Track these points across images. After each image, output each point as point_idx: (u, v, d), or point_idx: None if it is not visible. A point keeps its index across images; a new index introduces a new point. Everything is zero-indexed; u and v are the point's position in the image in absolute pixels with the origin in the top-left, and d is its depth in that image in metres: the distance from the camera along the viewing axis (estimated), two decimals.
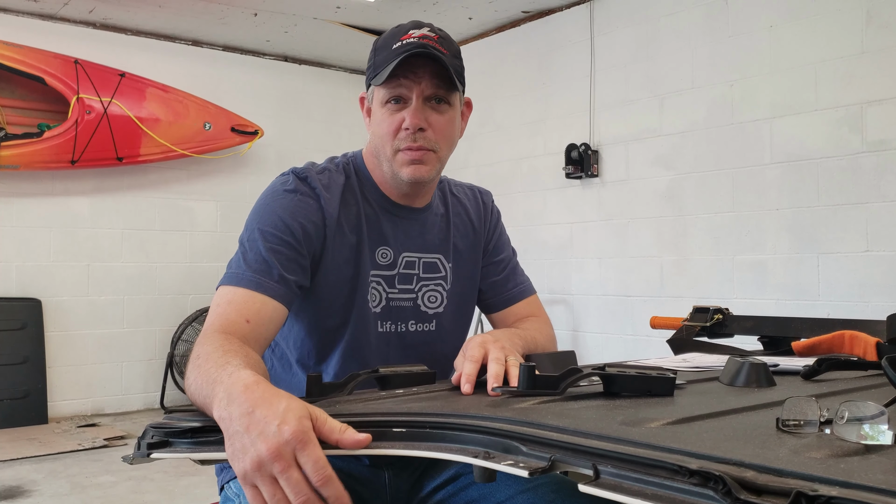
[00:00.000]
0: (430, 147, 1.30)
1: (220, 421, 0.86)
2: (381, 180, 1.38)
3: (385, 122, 1.30)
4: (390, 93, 1.29)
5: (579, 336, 4.84)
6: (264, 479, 0.80)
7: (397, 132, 1.29)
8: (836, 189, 3.66)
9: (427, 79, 1.28)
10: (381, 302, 1.35)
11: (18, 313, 4.88)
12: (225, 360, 0.97)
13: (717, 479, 0.61)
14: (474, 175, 5.39)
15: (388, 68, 1.25)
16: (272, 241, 1.24)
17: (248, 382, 0.87)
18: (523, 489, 1.18)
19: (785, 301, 3.81)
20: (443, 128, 1.31)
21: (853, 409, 0.73)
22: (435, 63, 1.27)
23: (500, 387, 1.04)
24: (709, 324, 1.84)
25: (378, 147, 1.33)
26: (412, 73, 1.27)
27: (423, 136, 1.29)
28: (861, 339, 1.41)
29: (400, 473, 1.31)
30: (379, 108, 1.31)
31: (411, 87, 1.28)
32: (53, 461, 3.97)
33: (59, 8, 4.94)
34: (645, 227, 4.49)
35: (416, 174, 1.30)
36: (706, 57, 4.20)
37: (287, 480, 0.79)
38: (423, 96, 1.28)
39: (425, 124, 1.29)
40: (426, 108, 1.29)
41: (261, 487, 0.81)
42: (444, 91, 1.30)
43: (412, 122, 1.27)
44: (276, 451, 0.79)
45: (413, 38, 1.27)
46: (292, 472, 0.79)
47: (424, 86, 1.28)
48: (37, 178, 5.03)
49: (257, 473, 0.80)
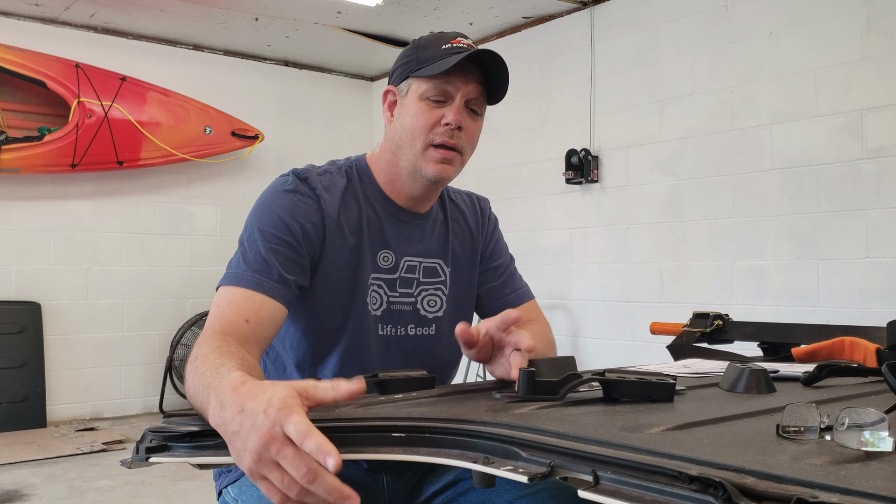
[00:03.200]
0: (461, 148, 1.33)
1: (218, 428, 0.86)
2: (386, 182, 1.38)
3: (422, 115, 1.31)
4: (437, 88, 1.30)
5: (579, 341, 4.84)
6: (269, 467, 0.80)
7: (433, 127, 1.31)
8: (836, 195, 3.66)
9: (474, 84, 1.31)
10: (382, 305, 1.36)
11: (18, 317, 4.87)
12: (219, 363, 0.98)
13: (718, 486, 0.61)
14: (474, 180, 5.39)
15: (442, 62, 1.28)
16: (272, 241, 1.24)
17: (235, 384, 0.87)
18: (523, 494, 1.18)
19: (785, 307, 3.81)
20: (473, 134, 1.35)
21: (853, 415, 0.73)
22: (481, 73, 1.32)
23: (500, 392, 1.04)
24: (709, 330, 1.84)
25: (402, 140, 1.34)
26: (462, 74, 1.30)
27: (460, 135, 1.32)
28: (861, 345, 1.41)
29: (398, 478, 1.31)
30: (415, 101, 1.32)
31: (459, 87, 1.30)
32: (52, 465, 3.97)
33: (60, 12, 4.95)
34: (645, 232, 4.49)
35: (443, 173, 1.33)
36: (706, 63, 4.21)
37: (285, 459, 0.78)
38: (466, 98, 1.31)
39: (464, 124, 1.32)
40: (465, 110, 1.32)
41: (270, 477, 0.80)
42: (484, 99, 1.35)
43: (454, 119, 1.30)
44: (269, 437, 0.79)
45: (462, 44, 1.32)
46: (287, 449, 0.78)
47: (471, 89, 1.31)
48: (37, 182, 5.03)
49: (261, 465, 0.80)
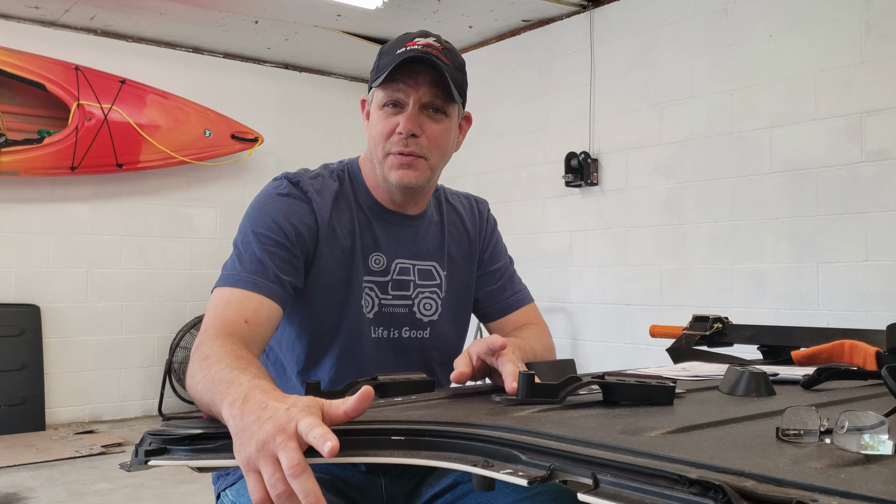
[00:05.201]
0: (421, 154, 1.31)
1: (231, 418, 0.87)
2: (374, 186, 1.39)
3: (380, 124, 1.32)
4: (388, 96, 1.30)
5: (578, 344, 4.83)
6: (266, 459, 0.79)
7: (390, 135, 1.31)
8: (836, 198, 3.66)
9: (425, 86, 1.29)
10: (374, 308, 1.36)
11: (17, 319, 4.87)
12: (242, 366, 0.99)
13: (717, 489, 0.61)
14: (474, 183, 5.39)
15: (388, 71, 1.27)
16: (266, 243, 1.26)
17: (265, 387, 0.91)
18: (522, 497, 1.18)
19: (784, 310, 3.81)
20: (436, 136, 1.32)
21: (853, 418, 0.73)
22: (435, 72, 1.28)
23: (500, 395, 1.04)
24: (708, 333, 1.84)
25: (371, 149, 1.36)
26: (411, 78, 1.28)
27: (416, 142, 1.30)
28: (861, 348, 1.40)
29: (397, 480, 1.31)
30: (376, 110, 1.33)
31: (409, 93, 1.29)
32: (51, 468, 3.96)
33: (60, 14, 4.95)
34: (644, 235, 4.49)
35: (404, 178, 1.31)
36: (706, 66, 4.21)
37: (283, 450, 0.78)
38: (419, 103, 1.30)
39: (419, 131, 1.30)
40: (422, 115, 1.31)
41: (262, 469, 0.80)
42: (441, 101, 1.31)
43: (405, 127, 1.29)
44: (280, 428, 0.80)
45: (417, 45, 1.29)
46: (290, 442, 0.79)
47: (422, 93, 1.29)
48: (36, 185, 5.03)
49: (260, 455, 0.80)
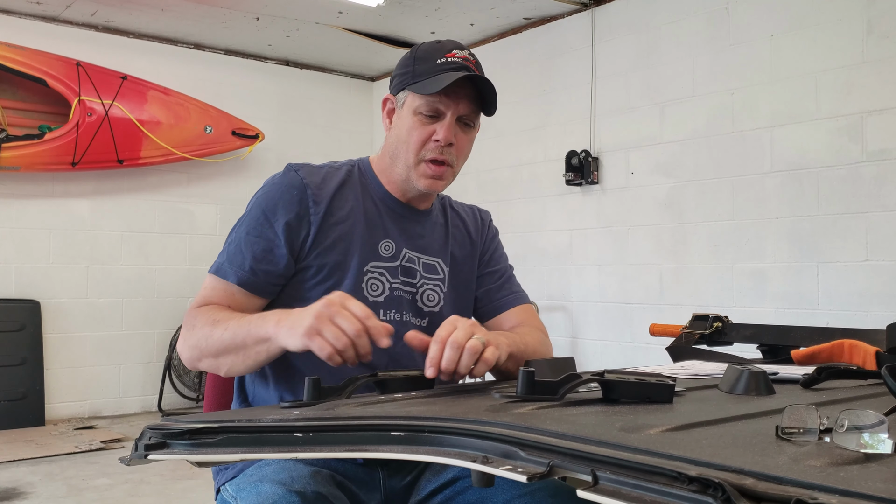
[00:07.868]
0: (451, 162, 1.39)
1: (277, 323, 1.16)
2: (387, 181, 1.45)
3: (415, 130, 1.37)
4: (429, 105, 1.35)
5: (578, 343, 4.83)
6: (325, 323, 1.11)
7: (425, 143, 1.37)
8: (836, 198, 3.66)
9: (465, 101, 1.36)
10: (385, 291, 1.40)
11: (17, 314, 4.87)
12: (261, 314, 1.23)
13: (717, 486, 0.61)
14: (474, 181, 5.39)
15: (434, 80, 1.32)
16: (252, 234, 1.34)
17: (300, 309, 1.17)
18: (521, 494, 1.18)
19: (784, 310, 3.81)
20: (464, 146, 1.41)
21: (853, 417, 0.73)
22: (474, 87, 1.35)
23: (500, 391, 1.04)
24: (708, 332, 1.83)
25: (398, 150, 1.40)
26: (454, 92, 1.34)
27: (450, 150, 1.38)
28: (861, 348, 1.40)
29: (395, 473, 1.32)
30: (410, 115, 1.38)
31: (448, 105, 1.35)
32: (50, 463, 3.96)
33: (61, 10, 4.95)
34: (645, 234, 4.49)
35: (433, 187, 1.41)
36: (707, 65, 4.21)
37: (341, 317, 1.11)
38: (457, 115, 1.36)
39: (454, 140, 1.37)
40: (457, 125, 1.38)
41: (324, 332, 1.10)
42: (476, 115, 1.40)
43: (445, 137, 1.36)
44: (330, 301, 1.13)
45: (457, 57, 1.36)
46: (345, 311, 1.12)
47: (462, 106, 1.36)
48: (37, 180, 5.03)
49: (319, 321, 1.11)
